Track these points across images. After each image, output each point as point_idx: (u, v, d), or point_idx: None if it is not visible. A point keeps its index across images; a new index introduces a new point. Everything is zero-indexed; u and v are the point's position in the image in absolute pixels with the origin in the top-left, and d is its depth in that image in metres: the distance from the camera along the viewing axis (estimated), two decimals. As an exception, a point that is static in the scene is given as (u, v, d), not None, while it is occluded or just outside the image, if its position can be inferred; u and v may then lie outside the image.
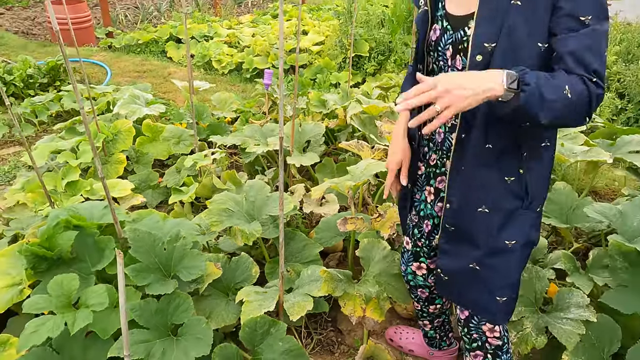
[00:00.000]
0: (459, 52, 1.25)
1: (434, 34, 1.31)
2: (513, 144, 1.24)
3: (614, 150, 2.59)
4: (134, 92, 3.55)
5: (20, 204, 2.54)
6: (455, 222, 1.37)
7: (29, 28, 8.02)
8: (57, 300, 1.49)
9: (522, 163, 1.26)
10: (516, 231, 1.30)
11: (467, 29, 1.22)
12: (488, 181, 1.28)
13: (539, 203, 1.31)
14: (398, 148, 1.47)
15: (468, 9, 1.22)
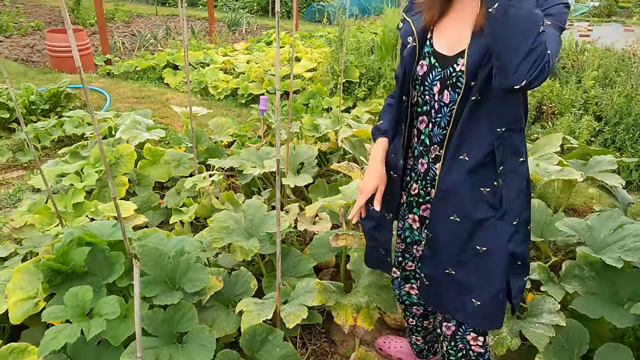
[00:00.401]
0: (448, 87, 1.31)
1: (421, 69, 1.37)
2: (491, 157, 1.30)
3: (586, 169, 2.79)
4: (135, 118, 3.73)
5: (28, 225, 2.67)
6: (431, 230, 1.43)
7: (29, 55, 8.23)
8: (72, 310, 1.62)
9: (498, 176, 1.31)
10: (488, 238, 1.34)
11: (456, 66, 1.28)
12: (463, 190, 1.33)
13: (515, 217, 1.34)
14: (375, 173, 1.49)
15: (455, 49, 1.29)
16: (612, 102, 4.53)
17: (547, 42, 1.06)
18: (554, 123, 4.59)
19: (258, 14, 14.28)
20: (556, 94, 5.06)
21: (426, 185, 1.47)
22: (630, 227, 2.04)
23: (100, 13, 6.98)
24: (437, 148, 1.40)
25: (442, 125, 1.37)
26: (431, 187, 1.45)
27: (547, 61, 1.05)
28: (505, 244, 1.33)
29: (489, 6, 1.08)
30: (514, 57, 1.05)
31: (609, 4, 16.15)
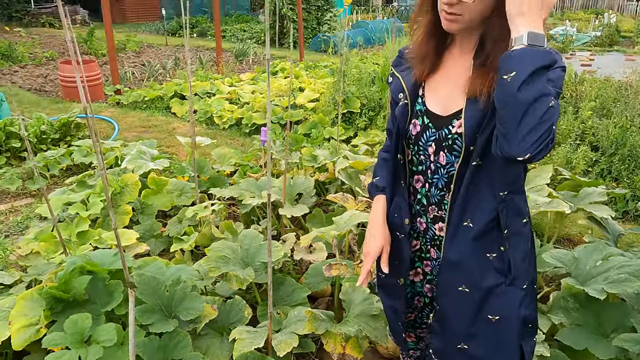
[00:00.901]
0: (444, 149, 1.25)
1: (414, 129, 1.31)
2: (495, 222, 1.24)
3: (577, 201, 2.85)
4: (141, 148, 3.86)
5: (34, 253, 2.76)
6: (439, 302, 1.37)
7: (42, 85, 8.50)
8: (71, 337, 1.70)
9: (504, 240, 1.25)
10: (499, 306, 1.27)
11: (451, 128, 1.23)
12: (469, 259, 1.27)
13: (525, 280, 1.27)
14: (378, 234, 1.40)
15: (450, 109, 1.24)
16: (608, 132, 4.61)
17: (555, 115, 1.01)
18: (551, 154, 4.66)
19: (265, 44, 14.62)
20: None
21: (426, 243, 1.41)
22: (615, 259, 2.09)
23: (110, 45, 7.24)
24: (435, 209, 1.34)
25: (439, 187, 1.31)
26: (431, 246, 1.40)
27: (552, 137, 1.00)
28: (517, 310, 1.27)
29: (502, 74, 1.02)
30: (520, 128, 0.99)
31: (610, 34, 16.40)
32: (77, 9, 20.33)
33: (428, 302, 1.51)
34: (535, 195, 2.71)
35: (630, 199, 4.03)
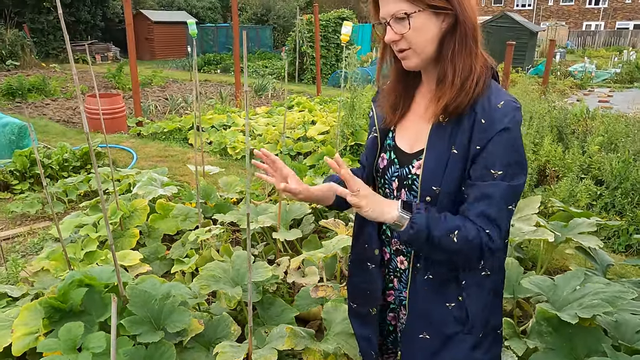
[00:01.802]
0: (404, 187, 1.27)
1: (382, 162, 1.33)
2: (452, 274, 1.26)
3: (566, 231, 2.90)
4: (152, 175, 4.07)
5: (44, 270, 2.94)
6: (403, 348, 1.40)
7: (70, 117, 8.98)
8: (64, 343, 1.83)
9: (462, 290, 1.26)
10: (452, 354, 1.30)
11: (411, 167, 1.25)
12: (431, 309, 1.30)
13: (482, 328, 1.30)
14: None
15: (415, 147, 1.25)
16: (612, 166, 4.63)
17: (469, 233, 1.12)
18: (553, 187, 4.69)
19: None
20: (559, 158, 5.19)
21: (389, 273, 1.43)
22: (591, 286, 2.13)
23: (135, 80, 7.65)
24: (397, 242, 1.36)
25: None
26: (394, 276, 1.42)
27: (480, 249, 1.13)
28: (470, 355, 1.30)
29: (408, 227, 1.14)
30: (462, 264, 1.23)
31: (630, 71, 16.36)
32: (110, 47, 21.44)
33: (392, 330, 1.54)
34: (522, 224, 2.77)
35: (634, 231, 4.02)
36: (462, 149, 1.16)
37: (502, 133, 1.12)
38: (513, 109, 1.14)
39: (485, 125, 1.13)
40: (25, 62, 16.73)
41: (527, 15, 35.45)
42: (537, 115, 6.02)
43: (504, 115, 1.13)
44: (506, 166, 1.13)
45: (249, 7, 25.97)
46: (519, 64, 16.52)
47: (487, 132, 1.13)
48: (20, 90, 10.53)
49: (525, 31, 16.89)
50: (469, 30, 1.15)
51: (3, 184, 4.92)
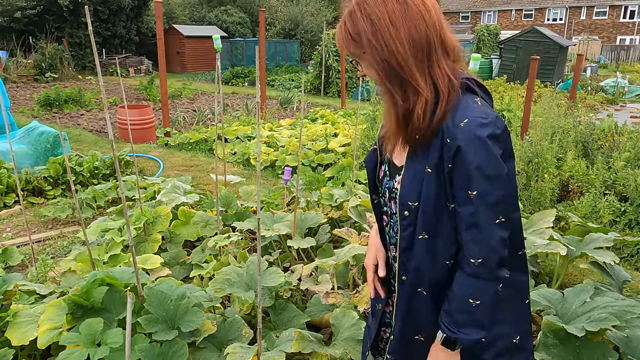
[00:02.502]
0: (392, 200, 1.33)
1: (381, 172, 1.39)
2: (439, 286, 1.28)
3: (581, 246, 2.88)
4: (176, 183, 4.22)
5: (71, 271, 3.09)
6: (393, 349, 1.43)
7: (102, 127, 9.34)
8: (85, 337, 1.95)
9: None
10: None
11: (394, 182, 1.31)
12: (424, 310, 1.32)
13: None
14: (371, 245, 1.51)
15: (401, 162, 1.29)
16: (637, 182, 4.54)
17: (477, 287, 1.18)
18: (575, 203, 4.63)
19: (311, 93, 15.32)
20: (583, 173, 5.11)
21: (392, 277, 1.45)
22: (600, 300, 2.13)
23: (164, 92, 7.92)
24: (393, 249, 1.39)
25: (395, 230, 1.36)
26: (392, 279, 1.43)
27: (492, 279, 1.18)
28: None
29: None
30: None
31: (665, 86, 15.89)
32: (143, 60, 22.16)
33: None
34: (535, 237, 2.77)
35: (658, 250, 3.93)
36: (435, 168, 1.20)
37: (465, 152, 1.13)
38: (477, 125, 1.13)
39: (450, 144, 1.16)
40: (63, 75, 17.49)
41: (558, 30, 34.93)
42: (561, 130, 5.95)
43: (467, 133, 1.13)
44: (479, 185, 1.14)
45: (278, 22, 26.48)
46: (547, 78, 16.28)
47: (452, 151, 1.15)
48: (57, 101, 11.01)
49: (555, 45, 16.67)
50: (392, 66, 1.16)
51: (37, 189, 5.17)
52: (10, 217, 4.66)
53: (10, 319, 2.26)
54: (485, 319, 1.20)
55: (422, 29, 1.15)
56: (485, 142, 1.13)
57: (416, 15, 1.15)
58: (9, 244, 3.82)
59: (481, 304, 1.18)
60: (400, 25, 1.15)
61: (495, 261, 1.16)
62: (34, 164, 5.67)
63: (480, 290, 1.18)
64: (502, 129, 1.18)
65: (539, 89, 13.03)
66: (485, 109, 1.20)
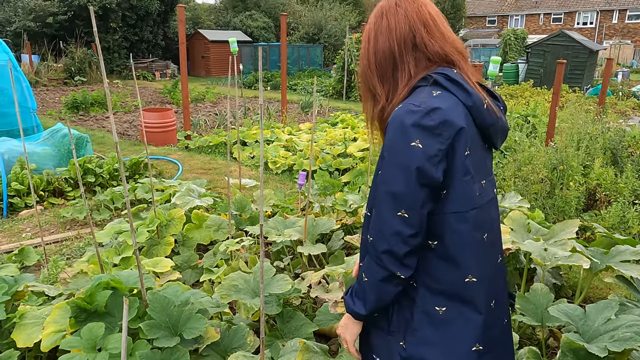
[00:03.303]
0: None
1: None
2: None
3: (607, 258, 2.72)
4: (191, 186, 4.22)
5: (82, 273, 3.09)
6: None
7: (126, 130, 9.48)
8: (86, 342, 1.92)
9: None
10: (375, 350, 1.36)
11: None
12: None
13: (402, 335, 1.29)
14: None
15: None
16: (668, 192, 4.32)
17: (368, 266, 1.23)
18: (602, 212, 4.43)
19: (333, 97, 15.27)
20: (611, 181, 4.91)
21: None
22: (625, 317, 1.99)
23: (185, 95, 7.99)
24: None
25: None
26: None
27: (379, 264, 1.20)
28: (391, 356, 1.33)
29: None
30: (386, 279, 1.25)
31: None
32: (169, 64, 22.53)
33: None
34: (557, 248, 2.64)
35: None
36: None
37: (387, 132, 1.21)
38: (406, 111, 1.18)
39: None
40: (91, 78, 17.90)
41: (588, 34, 34.04)
42: (588, 136, 5.74)
43: (394, 116, 1.20)
44: (384, 167, 1.20)
45: (301, 27, 26.55)
46: (576, 83, 15.84)
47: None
48: (84, 103, 11.25)
49: (584, 50, 16.21)
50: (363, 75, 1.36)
51: (58, 190, 5.25)
52: (30, 217, 4.74)
53: (17, 320, 2.26)
54: (368, 300, 1.25)
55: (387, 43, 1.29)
56: (405, 128, 1.16)
57: (385, 31, 1.30)
58: (27, 244, 3.87)
59: (367, 282, 1.24)
60: (372, 40, 1.32)
61: (382, 248, 1.18)
62: (57, 165, 5.76)
63: (370, 268, 1.23)
64: (435, 122, 1.16)
65: (567, 94, 12.68)
66: (429, 100, 1.19)
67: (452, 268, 1.23)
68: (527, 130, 7.58)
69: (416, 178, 1.14)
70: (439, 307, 1.24)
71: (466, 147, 1.19)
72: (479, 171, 1.25)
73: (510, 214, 3.02)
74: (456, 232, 1.22)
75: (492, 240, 1.31)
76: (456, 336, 1.24)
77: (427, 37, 1.28)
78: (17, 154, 5.46)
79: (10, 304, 2.56)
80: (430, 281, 1.25)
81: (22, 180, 5.01)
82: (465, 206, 1.21)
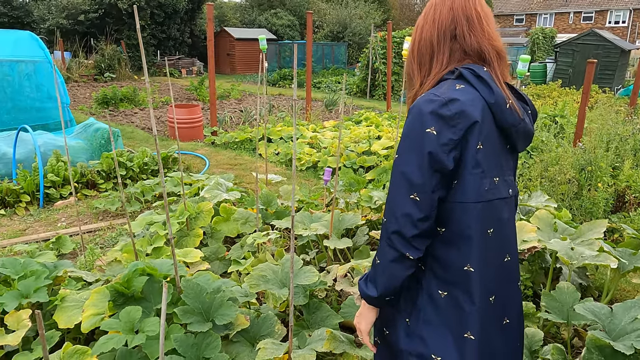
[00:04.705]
0: None
1: None
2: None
3: (635, 259, 2.71)
4: (219, 180, 4.32)
5: (116, 261, 3.22)
6: None
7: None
8: (124, 324, 2.02)
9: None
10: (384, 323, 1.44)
11: None
12: None
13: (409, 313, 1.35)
14: None
15: None
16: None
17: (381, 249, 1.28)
18: (632, 215, 4.36)
19: (357, 95, 15.28)
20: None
21: None
22: (653, 317, 1.99)
23: (212, 92, 8.13)
24: None
25: None
26: None
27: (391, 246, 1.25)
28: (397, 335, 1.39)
29: None
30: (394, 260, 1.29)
31: None
32: (195, 61, 22.86)
33: None
34: (584, 248, 2.63)
35: None
36: None
37: (407, 118, 1.26)
38: (426, 100, 1.23)
39: None
40: (120, 75, 18.32)
41: (620, 33, 33.13)
42: (618, 137, 5.64)
43: (416, 104, 1.26)
44: (401, 149, 1.25)
45: (326, 25, 26.59)
46: (607, 84, 15.47)
47: None
48: (114, 99, 11.54)
49: (615, 49, 15.81)
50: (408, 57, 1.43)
51: (91, 182, 5.43)
52: (65, 207, 4.93)
53: (58, 302, 2.38)
54: (380, 282, 1.29)
55: (429, 33, 1.36)
56: (423, 115, 1.21)
57: (430, 21, 1.36)
58: (63, 233, 4.03)
59: (379, 265, 1.28)
60: (419, 29, 1.39)
61: (392, 229, 1.23)
62: (89, 158, 5.96)
63: (381, 250, 1.27)
64: (451, 112, 1.21)
65: (597, 94, 12.40)
66: (449, 92, 1.24)
67: (455, 255, 1.29)
68: (555, 130, 7.47)
69: (428, 162, 1.19)
70: (441, 291, 1.30)
71: (479, 141, 1.23)
72: (491, 167, 1.28)
73: (537, 213, 3.02)
74: (460, 221, 1.27)
75: (500, 239, 1.33)
76: (451, 320, 1.30)
77: (467, 31, 1.32)
78: (52, 146, 5.68)
79: (51, 288, 2.69)
80: (436, 266, 1.31)
81: (57, 172, 5.20)
82: (471, 198, 1.25)
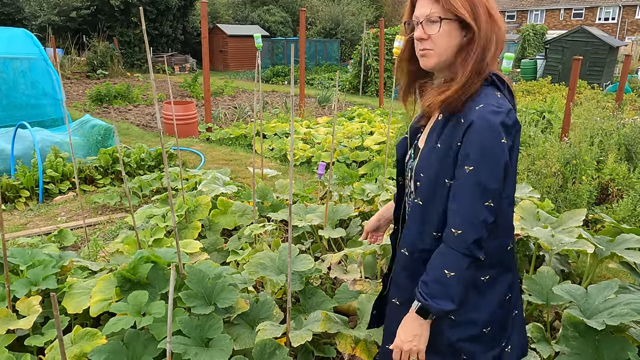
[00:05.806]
0: (411, 179, 1.48)
1: (407, 156, 1.55)
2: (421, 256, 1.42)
3: (612, 246, 2.87)
4: (216, 174, 4.44)
5: (118, 252, 3.35)
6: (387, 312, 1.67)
7: (149, 121, 9.77)
8: (132, 307, 2.15)
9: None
10: None
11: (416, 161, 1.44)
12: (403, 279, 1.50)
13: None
14: (378, 213, 1.87)
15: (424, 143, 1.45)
16: (680, 187, 4.42)
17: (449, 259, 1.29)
18: (613, 206, 4.54)
19: (350, 92, 15.41)
20: (624, 177, 5.00)
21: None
22: (624, 296, 2.15)
23: (206, 89, 8.23)
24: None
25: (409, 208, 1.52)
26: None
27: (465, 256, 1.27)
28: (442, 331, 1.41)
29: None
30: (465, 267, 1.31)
31: None
32: (188, 58, 22.85)
33: None
34: (563, 235, 2.79)
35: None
36: (444, 144, 1.33)
37: (475, 130, 1.26)
38: (491, 111, 1.26)
39: (464, 123, 1.29)
40: (113, 72, 18.31)
41: (610, 30, 33.51)
42: (602, 132, 5.82)
43: (481, 115, 1.26)
44: (477, 162, 1.25)
45: (319, 21, 26.68)
46: (595, 80, 15.72)
47: (464, 129, 1.28)
48: (107, 96, 11.59)
49: (604, 46, 16.07)
50: (483, 45, 1.32)
51: (89, 178, 5.53)
52: (65, 202, 5.03)
53: (67, 289, 2.51)
54: (456, 293, 1.29)
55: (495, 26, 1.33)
56: (495, 127, 1.25)
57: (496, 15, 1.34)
58: (64, 227, 4.14)
59: (454, 277, 1.27)
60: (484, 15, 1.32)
61: (473, 238, 1.26)
62: (86, 154, 6.05)
63: (456, 262, 1.27)
64: (513, 121, 1.29)
65: (585, 90, 12.62)
66: (502, 101, 1.32)
67: (499, 242, 1.38)
68: (542, 125, 7.66)
69: (504, 170, 1.26)
70: (483, 278, 1.39)
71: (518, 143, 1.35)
72: None
73: (521, 203, 3.17)
74: (505, 213, 1.37)
75: None
76: (495, 293, 1.41)
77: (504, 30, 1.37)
78: (49, 143, 5.76)
79: (57, 277, 2.81)
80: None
81: (56, 168, 5.30)
82: (513, 192, 1.39)
